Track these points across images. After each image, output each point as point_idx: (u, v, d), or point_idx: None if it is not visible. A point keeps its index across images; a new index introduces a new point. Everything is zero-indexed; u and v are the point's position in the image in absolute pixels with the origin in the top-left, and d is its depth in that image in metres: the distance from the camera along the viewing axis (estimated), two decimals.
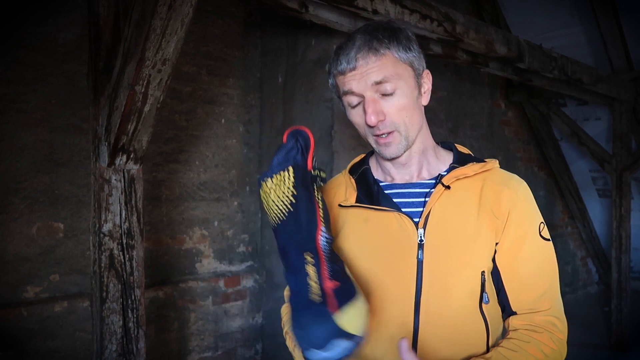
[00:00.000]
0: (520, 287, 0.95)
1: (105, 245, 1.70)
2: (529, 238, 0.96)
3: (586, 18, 4.05)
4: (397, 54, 0.94)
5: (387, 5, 2.14)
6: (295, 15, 2.07)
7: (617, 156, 4.23)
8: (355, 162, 1.12)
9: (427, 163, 1.03)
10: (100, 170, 1.70)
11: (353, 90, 0.94)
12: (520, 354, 0.89)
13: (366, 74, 0.92)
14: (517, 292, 0.95)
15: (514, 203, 0.96)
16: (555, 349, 0.91)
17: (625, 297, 4.17)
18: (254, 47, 3.27)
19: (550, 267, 0.98)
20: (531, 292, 0.95)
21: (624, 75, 4.10)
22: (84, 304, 2.48)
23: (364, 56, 0.92)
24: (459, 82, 3.91)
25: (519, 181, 1.01)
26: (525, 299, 0.95)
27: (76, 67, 2.50)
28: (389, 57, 0.93)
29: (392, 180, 1.04)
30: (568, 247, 5.48)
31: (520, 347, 0.90)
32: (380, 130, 0.94)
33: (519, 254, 0.95)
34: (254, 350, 3.25)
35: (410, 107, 0.96)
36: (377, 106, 0.93)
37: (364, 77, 0.92)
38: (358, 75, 0.93)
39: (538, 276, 0.96)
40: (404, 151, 0.98)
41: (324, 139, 2.82)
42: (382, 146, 0.97)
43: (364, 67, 0.92)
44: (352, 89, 0.94)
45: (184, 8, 1.45)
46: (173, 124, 2.91)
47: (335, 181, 1.12)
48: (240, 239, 3.24)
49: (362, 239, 1.00)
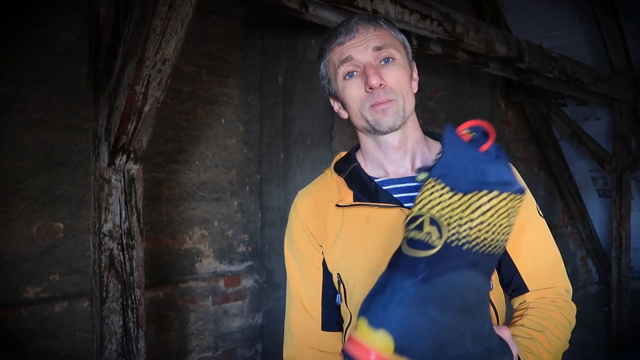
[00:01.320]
0: (533, 265, 0.98)
1: (105, 245, 1.70)
2: (531, 219, 0.98)
3: (586, 18, 4.05)
4: (392, 32, 0.99)
5: (387, 5, 2.14)
6: (295, 15, 2.07)
7: (617, 156, 4.23)
8: (338, 161, 1.08)
9: (420, 153, 1.01)
10: (100, 170, 1.70)
11: (353, 57, 0.95)
12: (549, 321, 0.91)
13: (366, 41, 0.94)
14: (531, 271, 0.97)
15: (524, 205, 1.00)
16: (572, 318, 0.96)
17: (625, 297, 4.17)
18: (254, 47, 3.27)
19: (551, 241, 1.01)
20: (543, 267, 0.98)
21: (624, 75, 4.10)
22: (84, 304, 2.48)
23: (364, 25, 0.95)
24: (459, 82, 3.92)
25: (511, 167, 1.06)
26: (539, 274, 0.97)
27: (76, 67, 2.50)
28: (386, 30, 0.98)
29: (386, 175, 1.01)
30: (568, 247, 5.48)
31: (549, 315, 0.93)
32: (380, 97, 0.93)
33: (524, 234, 0.97)
34: (254, 350, 3.25)
35: (407, 81, 0.97)
36: (378, 70, 0.94)
37: (364, 43, 0.94)
38: (358, 43, 0.95)
39: (545, 252, 0.99)
40: (400, 124, 0.95)
41: (324, 139, 2.82)
42: (379, 113, 0.94)
43: (364, 34, 0.95)
44: (351, 55, 0.95)
45: (184, 8, 1.45)
46: (173, 124, 2.91)
47: (320, 182, 1.07)
48: (240, 239, 3.24)
49: (365, 239, 0.96)
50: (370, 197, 0.98)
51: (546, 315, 0.93)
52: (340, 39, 0.96)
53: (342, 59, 0.96)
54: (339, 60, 0.96)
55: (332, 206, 1.01)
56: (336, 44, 0.97)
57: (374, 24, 0.96)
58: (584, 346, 4.14)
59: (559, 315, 0.93)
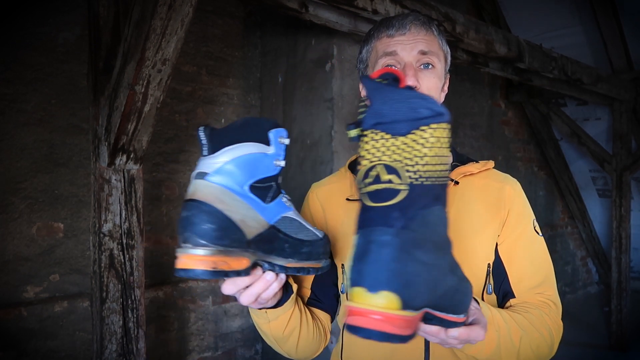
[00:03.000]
0: (521, 275, 0.99)
1: (105, 245, 1.70)
2: (525, 231, 1.00)
3: (586, 18, 4.05)
4: (440, 41, 1.01)
5: (387, 5, 2.14)
6: (295, 15, 2.07)
7: (617, 156, 4.23)
8: (353, 160, 1.12)
9: None
10: (100, 170, 1.70)
11: (398, 53, 0.97)
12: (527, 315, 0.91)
13: (415, 42, 0.96)
14: (519, 280, 0.99)
15: (513, 199, 1.01)
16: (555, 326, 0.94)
17: (625, 297, 4.17)
18: (254, 47, 3.27)
19: (545, 259, 1.02)
20: (531, 279, 0.99)
21: (624, 75, 4.10)
22: (84, 304, 2.48)
23: (417, 27, 0.97)
24: (459, 82, 3.92)
25: (515, 181, 1.06)
26: (527, 285, 0.98)
27: (76, 67, 2.50)
28: (435, 38, 1.00)
29: None
30: (568, 247, 5.48)
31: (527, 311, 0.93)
32: None
33: (517, 244, 0.99)
34: (254, 350, 3.24)
35: (438, 90, 1.00)
36: (416, 73, 0.96)
37: (412, 43, 0.96)
38: (407, 41, 0.96)
39: (536, 266, 1.00)
40: None
41: (324, 139, 2.82)
42: None
43: (415, 35, 0.97)
44: (396, 50, 0.97)
45: (184, 8, 1.45)
46: (173, 124, 2.91)
47: (335, 177, 1.13)
48: None
49: None
50: None
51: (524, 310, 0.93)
52: (391, 31, 0.98)
53: (387, 51, 0.98)
54: (384, 51, 0.98)
55: (342, 199, 1.06)
56: (386, 34, 0.99)
57: (427, 28, 0.98)
58: (584, 346, 4.14)
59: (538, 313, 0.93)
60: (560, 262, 5.25)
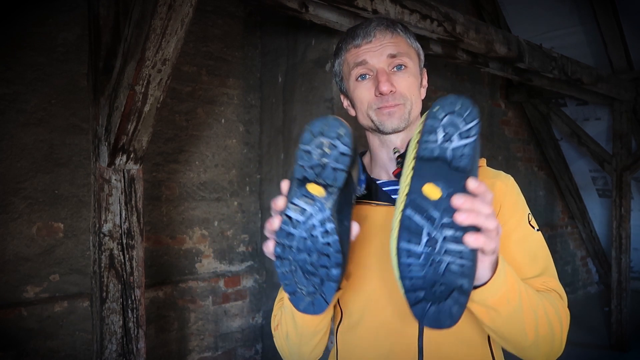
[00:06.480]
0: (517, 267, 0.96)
1: (105, 245, 1.70)
2: (520, 224, 1.00)
3: (586, 18, 4.05)
4: (408, 39, 1.02)
5: (387, 5, 2.14)
6: (295, 15, 2.07)
7: (617, 156, 4.23)
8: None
9: None
10: (100, 170, 1.70)
11: (367, 61, 0.98)
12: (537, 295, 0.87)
13: (382, 47, 0.98)
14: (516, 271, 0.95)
15: (504, 194, 1.00)
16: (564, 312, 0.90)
17: (625, 297, 4.17)
18: (254, 47, 3.27)
19: (543, 251, 1.00)
20: (529, 271, 0.97)
21: (624, 75, 4.10)
22: (84, 304, 2.48)
23: (381, 31, 0.98)
24: (459, 82, 3.92)
25: (507, 176, 1.06)
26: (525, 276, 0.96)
27: (76, 67, 2.50)
28: (402, 38, 1.00)
29: (388, 177, 1.05)
30: (568, 247, 5.48)
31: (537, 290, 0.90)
32: (389, 102, 0.97)
33: (511, 237, 0.98)
34: (254, 350, 3.25)
35: (416, 88, 1.01)
36: (390, 77, 0.97)
37: (379, 49, 0.98)
38: (374, 48, 0.98)
39: (532, 258, 0.99)
40: (404, 127, 0.99)
41: None
42: (385, 116, 0.98)
43: (381, 40, 0.98)
44: (366, 59, 0.98)
45: (184, 8, 1.45)
46: (173, 124, 2.91)
47: None
48: (240, 239, 3.24)
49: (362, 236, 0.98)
50: (370, 197, 1.02)
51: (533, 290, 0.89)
52: (357, 41, 0.99)
53: (356, 62, 0.99)
54: (354, 62, 1.00)
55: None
56: (353, 45, 1.00)
57: (392, 30, 0.99)
58: (584, 346, 4.15)
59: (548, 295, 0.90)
60: (560, 262, 5.25)
